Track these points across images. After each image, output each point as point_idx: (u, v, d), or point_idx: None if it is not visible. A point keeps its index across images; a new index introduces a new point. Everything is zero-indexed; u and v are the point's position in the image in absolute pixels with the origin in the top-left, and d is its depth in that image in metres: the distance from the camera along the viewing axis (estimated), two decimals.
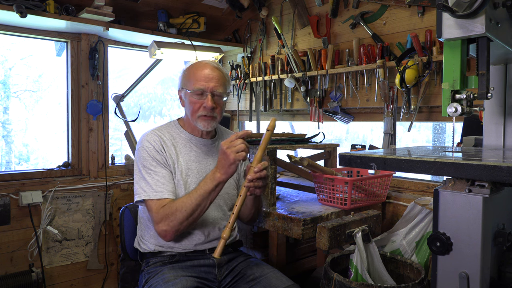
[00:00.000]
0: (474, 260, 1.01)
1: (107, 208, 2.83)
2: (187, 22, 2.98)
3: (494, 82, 1.53)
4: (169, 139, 1.67)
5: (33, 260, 2.55)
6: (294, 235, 1.86)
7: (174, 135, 1.70)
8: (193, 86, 1.61)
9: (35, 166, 4.80)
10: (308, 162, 2.00)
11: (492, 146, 1.54)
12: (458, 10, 1.09)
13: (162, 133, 1.67)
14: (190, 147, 1.70)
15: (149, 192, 1.54)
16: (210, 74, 1.63)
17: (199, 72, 1.63)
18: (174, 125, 1.74)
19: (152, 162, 1.59)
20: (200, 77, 1.62)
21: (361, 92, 2.53)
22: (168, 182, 1.58)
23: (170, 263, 1.62)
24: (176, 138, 1.69)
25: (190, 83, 1.63)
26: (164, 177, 1.58)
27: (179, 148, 1.67)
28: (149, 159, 1.59)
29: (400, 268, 1.82)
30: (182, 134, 1.71)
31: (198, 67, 1.65)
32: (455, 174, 1.01)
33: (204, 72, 1.63)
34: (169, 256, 1.63)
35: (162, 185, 1.55)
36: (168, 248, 1.63)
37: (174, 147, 1.66)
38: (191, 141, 1.71)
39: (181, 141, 1.70)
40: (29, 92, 4.37)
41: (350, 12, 2.61)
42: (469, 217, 1.01)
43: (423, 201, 2.02)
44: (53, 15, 2.36)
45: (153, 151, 1.60)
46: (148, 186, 1.55)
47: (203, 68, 1.64)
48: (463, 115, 1.21)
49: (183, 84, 1.67)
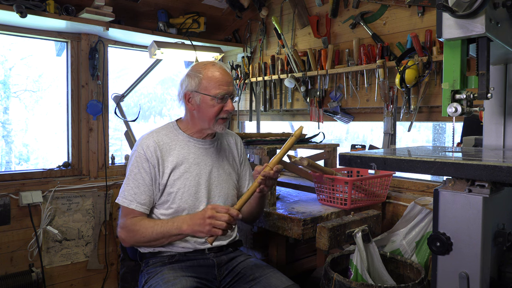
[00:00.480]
0: (474, 260, 1.01)
1: (107, 208, 2.83)
2: (187, 22, 2.98)
3: (494, 82, 1.53)
4: (167, 142, 1.67)
5: (33, 260, 2.55)
6: (294, 235, 1.86)
7: (172, 137, 1.70)
8: (216, 91, 1.60)
9: (35, 166, 4.80)
10: (308, 162, 2.00)
11: (492, 146, 1.54)
12: (458, 10, 1.09)
13: (159, 137, 1.67)
14: (188, 149, 1.69)
15: (121, 197, 1.62)
16: (227, 78, 1.64)
17: (218, 76, 1.62)
18: (173, 127, 1.73)
19: (134, 170, 1.62)
20: (221, 82, 1.62)
21: (361, 92, 2.53)
22: (142, 193, 1.59)
23: (169, 263, 1.62)
24: (174, 140, 1.69)
25: (210, 88, 1.61)
26: (138, 187, 1.60)
27: (177, 151, 1.67)
28: (135, 164, 1.62)
29: (400, 268, 1.82)
30: (180, 136, 1.71)
31: (214, 70, 1.63)
32: (455, 174, 1.02)
33: (222, 76, 1.63)
34: (168, 257, 1.63)
35: (134, 195, 1.59)
36: (168, 248, 1.64)
37: (170, 151, 1.66)
38: (189, 143, 1.71)
39: (179, 143, 1.69)
40: (29, 92, 4.37)
41: (350, 12, 2.61)
42: (469, 217, 1.01)
43: (423, 201, 2.02)
44: (53, 15, 2.36)
45: (142, 159, 1.61)
46: (123, 190, 1.62)
47: (219, 71, 1.63)
48: (463, 115, 1.21)
49: (198, 87, 1.63)
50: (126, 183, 1.62)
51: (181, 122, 1.76)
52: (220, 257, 1.68)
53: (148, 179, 1.60)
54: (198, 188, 1.66)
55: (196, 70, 1.64)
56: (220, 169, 1.74)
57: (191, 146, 1.70)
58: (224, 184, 1.74)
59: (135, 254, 1.74)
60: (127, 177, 1.63)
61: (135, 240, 1.57)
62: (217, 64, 1.66)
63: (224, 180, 1.74)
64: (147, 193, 1.60)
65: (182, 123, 1.75)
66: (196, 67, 1.67)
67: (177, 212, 1.63)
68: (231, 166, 1.80)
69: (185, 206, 1.63)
